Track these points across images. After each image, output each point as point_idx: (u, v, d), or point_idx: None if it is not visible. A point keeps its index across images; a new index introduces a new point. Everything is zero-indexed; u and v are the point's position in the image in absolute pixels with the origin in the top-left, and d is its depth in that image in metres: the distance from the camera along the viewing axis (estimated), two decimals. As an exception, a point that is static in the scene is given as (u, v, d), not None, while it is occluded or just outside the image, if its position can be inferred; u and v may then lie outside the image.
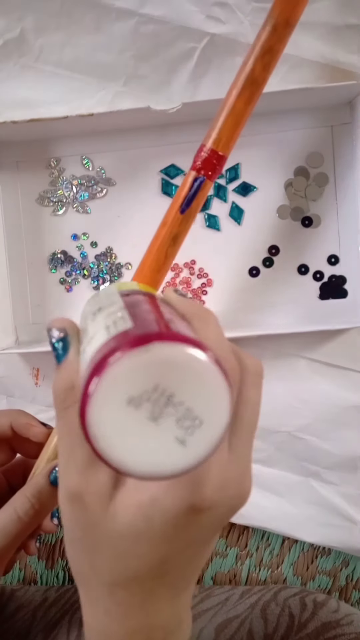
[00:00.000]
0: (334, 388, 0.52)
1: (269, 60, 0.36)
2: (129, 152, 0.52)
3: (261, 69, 0.36)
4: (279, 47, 0.37)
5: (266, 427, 0.52)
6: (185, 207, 0.37)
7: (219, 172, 0.38)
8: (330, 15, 0.47)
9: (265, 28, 0.36)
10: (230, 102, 0.37)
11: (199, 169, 0.37)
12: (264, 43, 0.36)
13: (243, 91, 0.36)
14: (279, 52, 0.37)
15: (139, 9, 0.48)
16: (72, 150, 0.52)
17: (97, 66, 0.50)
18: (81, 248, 0.53)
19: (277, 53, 0.37)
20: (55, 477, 0.35)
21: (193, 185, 0.37)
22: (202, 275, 0.52)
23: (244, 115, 0.37)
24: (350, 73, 0.48)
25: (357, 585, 0.57)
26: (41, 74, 0.50)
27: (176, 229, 0.38)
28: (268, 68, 0.37)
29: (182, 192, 0.38)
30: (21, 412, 0.40)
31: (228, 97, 0.37)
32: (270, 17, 0.36)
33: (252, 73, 0.36)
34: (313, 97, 0.47)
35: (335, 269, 0.51)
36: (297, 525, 0.53)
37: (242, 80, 0.36)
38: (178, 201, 0.38)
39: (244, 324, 0.52)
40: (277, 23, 0.36)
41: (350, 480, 0.52)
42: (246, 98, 0.37)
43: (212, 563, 0.57)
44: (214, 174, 0.37)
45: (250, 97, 0.37)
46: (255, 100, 0.37)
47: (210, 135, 0.37)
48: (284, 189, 0.51)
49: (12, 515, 0.33)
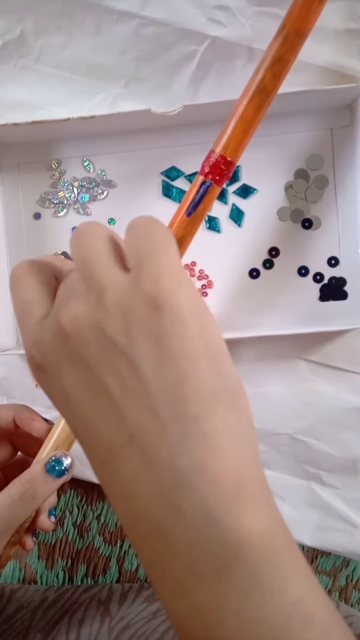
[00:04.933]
0: (334, 390, 0.52)
1: (280, 70, 0.37)
2: (129, 154, 0.52)
3: (271, 78, 0.37)
4: (290, 56, 0.37)
5: (266, 429, 0.52)
6: (192, 210, 0.38)
7: (227, 178, 0.38)
8: (330, 19, 0.47)
9: (277, 38, 0.37)
10: (240, 109, 0.38)
11: (207, 174, 0.37)
12: (275, 52, 0.37)
13: (253, 99, 0.37)
14: (289, 62, 0.38)
15: (140, 11, 0.48)
16: (73, 152, 0.52)
17: (98, 68, 0.50)
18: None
19: (287, 62, 0.38)
20: (52, 466, 0.36)
21: (200, 189, 0.37)
22: (203, 277, 0.52)
23: (253, 122, 0.38)
24: (350, 76, 0.48)
25: (357, 585, 0.57)
26: (41, 75, 0.50)
27: (181, 232, 0.38)
28: (279, 77, 0.37)
29: (190, 195, 0.38)
30: (24, 406, 0.41)
31: (239, 104, 0.38)
32: (282, 27, 0.37)
33: (263, 82, 0.37)
34: (313, 99, 0.47)
35: (335, 271, 0.52)
36: (298, 528, 0.53)
37: (252, 88, 0.37)
38: (185, 204, 0.38)
39: (244, 325, 0.52)
40: (288, 33, 0.37)
41: (351, 483, 0.52)
42: (256, 105, 0.37)
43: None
44: (221, 178, 0.38)
45: (259, 105, 0.38)
46: (265, 109, 0.38)
47: (220, 141, 0.38)
48: (284, 191, 0.51)
49: (6, 499, 0.35)
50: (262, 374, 0.52)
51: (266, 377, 0.52)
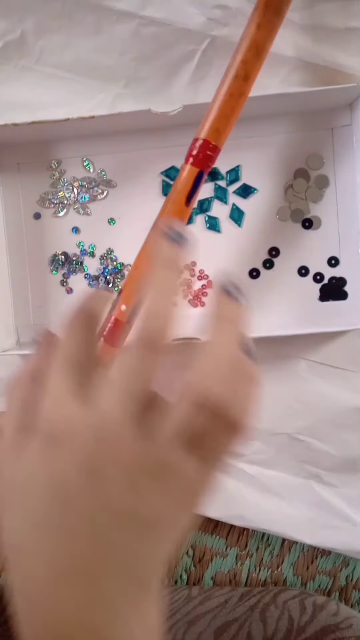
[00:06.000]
0: (334, 390, 0.52)
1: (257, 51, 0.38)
2: (129, 154, 0.52)
3: (250, 58, 0.38)
4: (265, 36, 0.38)
5: (266, 429, 0.52)
6: (190, 198, 0.38)
7: (213, 163, 0.39)
8: (330, 18, 0.47)
9: (251, 20, 0.38)
10: (222, 91, 0.38)
11: (196, 161, 0.38)
12: (251, 32, 0.38)
13: (235, 80, 0.38)
14: (266, 41, 0.38)
15: (139, 11, 0.48)
16: (73, 152, 0.52)
17: (98, 68, 0.50)
18: (82, 249, 0.53)
19: (264, 42, 0.38)
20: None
21: (195, 179, 0.38)
22: (203, 277, 0.52)
23: (236, 106, 0.38)
24: (351, 75, 0.48)
25: (357, 585, 0.57)
26: (42, 75, 0.50)
27: (183, 219, 0.38)
28: (257, 57, 0.38)
29: (185, 185, 0.38)
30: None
31: (220, 87, 0.38)
32: (255, 7, 0.38)
33: (241, 64, 0.38)
34: (313, 99, 0.47)
35: (335, 271, 0.51)
36: (298, 527, 0.53)
37: (232, 71, 0.38)
38: (180, 194, 0.38)
39: (244, 325, 0.52)
40: (261, 13, 0.38)
41: (351, 482, 0.53)
42: (235, 88, 0.38)
43: (212, 563, 0.58)
44: (209, 164, 0.39)
45: (240, 87, 0.38)
46: (247, 87, 0.38)
47: (203, 127, 0.39)
48: (284, 191, 0.51)
49: None
50: (262, 374, 0.52)
51: (266, 377, 0.52)
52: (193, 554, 0.58)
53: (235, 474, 0.53)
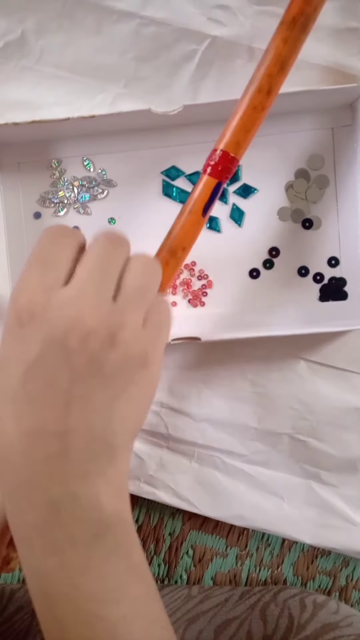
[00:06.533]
0: (334, 390, 0.52)
1: (281, 67, 0.38)
2: (130, 153, 0.52)
3: (275, 73, 0.38)
4: (291, 52, 0.38)
5: (266, 429, 0.52)
6: (207, 210, 0.39)
7: (231, 174, 0.39)
8: (331, 19, 0.47)
9: (277, 35, 0.38)
10: (244, 104, 0.38)
11: (214, 172, 0.38)
12: (275, 49, 0.38)
13: (257, 93, 0.38)
14: (291, 58, 0.38)
15: (140, 11, 0.48)
16: (73, 151, 0.52)
17: (98, 68, 0.50)
18: (82, 249, 0.53)
19: (289, 58, 0.38)
20: None
21: (213, 191, 0.38)
22: (203, 276, 0.52)
23: (257, 119, 0.38)
24: (351, 76, 0.48)
25: (357, 585, 0.57)
26: (42, 75, 0.50)
27: (196, 230, 0.39)
28: (282, 72, 0.38)
29: (204, 195, 0.38)
30: None
31: (242, 100, 0.38)
32: (282, 22, 0.38)
33: (265, 77, 0.38)
34: (314, 99, 0.47)
35: (335, 271, 0.52)
36: (297, 527, 0.53)
37: (255, 84, 0.38)
38: (197, 204, 0.38)
39: (244, 325, 0.52)
40: (289, 28, 0.38)
41: (350, 482, 0.53)
42: (258, 101, 0.38)
43: (212, 563, 0.58)
44: (227, 176, 0.39)
45: (262, 101, 0.38)
46: (269, 101, 0.38)
47: (223, 139, 0.39)
48: (285, 191, 0.51)
49: None
50: (262, 374, 0.52)
51: (266, 377, 0.52)
52: (193, 554, 0.58)
53: (235, 474, 0.53)
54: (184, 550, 0.58)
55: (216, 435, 0.53)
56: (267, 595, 0.52)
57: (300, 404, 0.52)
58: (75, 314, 0.26)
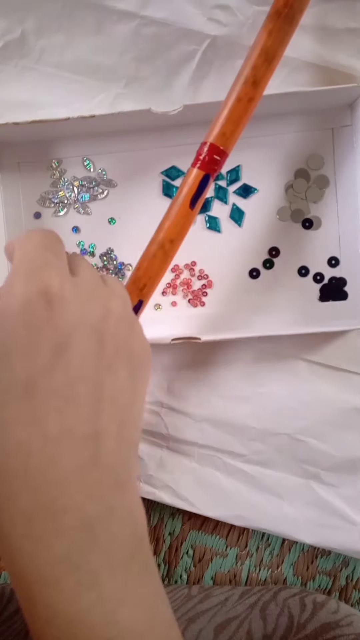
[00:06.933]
0: (333, 390, 0.52)
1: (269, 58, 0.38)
2: (130, 153, 0.52)
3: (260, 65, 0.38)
4: (278, 43, 0.38)
5: (266, 429, 0.52)
6: (194, 202, 0.38)
7: (220, 168, 0.39)
8: (330, 19, 0.47)
9: (264, 26, 0.38)
10: (232, 96, 0.38)
11: (203, 165, 0.38)
12: (262, 41, 0.38)
13: (245, 84, 0.38)
14: (278, 50, 0.38)
15: (140, 11, 0.48)
16: (73, 151, 0.52)
17: (98, 68, 0.50)
18: (82, 249, 0.53)
19: (276, 51, 0.38)
20: None
21: (200, 183, 0.38)
22: (203, 276, 0.52)
23: (245, 112, 0.39)
24: (351, 76, 0.48)
25: (357, 585, 0.57)
26: (42, 75, 0.50)
27: (186, 223, 0.39)
28: (268, 65, 0.38)
29: (191, 188, 0.38)
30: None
31: (231, 91, 0.39)
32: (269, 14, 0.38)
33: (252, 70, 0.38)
34: (314, 99, 0.47)
35: (335, 271, 0.52)
36: (297, 527, 0.53)
37: (242, 77, 0.38)
38: (185, 197, 0.38)
39: (243, 325, 0.52)
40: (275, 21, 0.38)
41: (350, 482, 0.53)
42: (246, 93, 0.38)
43: (212, 563, 0.58)
44: (216, 169, 0.39)
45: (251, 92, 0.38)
46: (258, 94, 0.38)
47: (212, 132, 0.39)
48: (285, 191, 0.51)
49: None
50: (262, 374, 0.52)
51: (266, 377, 0.52)
52: (193, 554, 0.58)
53: (235, 474, 0.53)
54: (184, 550, 0.58)
55: (216, 435, 0.53)
56: (267, 594, 0.52)
57: (300, 404, 0.52)
58: (105, 302, 0.25)
